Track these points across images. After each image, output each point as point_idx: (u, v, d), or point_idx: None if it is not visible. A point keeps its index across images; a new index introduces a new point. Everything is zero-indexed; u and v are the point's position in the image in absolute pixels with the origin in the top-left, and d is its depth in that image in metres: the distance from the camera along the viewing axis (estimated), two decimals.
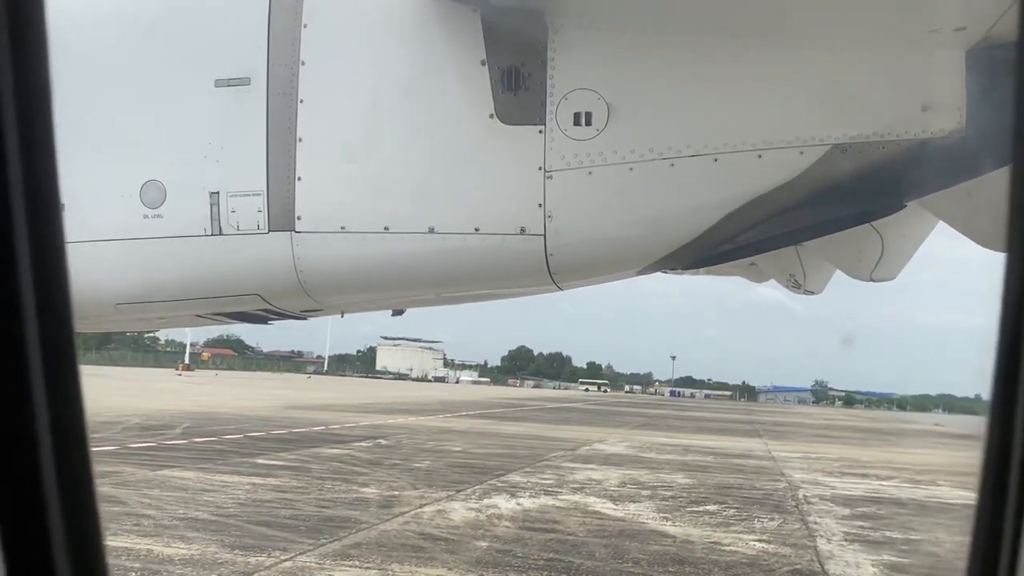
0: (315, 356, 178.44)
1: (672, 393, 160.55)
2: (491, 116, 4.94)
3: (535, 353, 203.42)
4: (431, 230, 5.01)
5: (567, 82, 4.86)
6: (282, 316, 6.12)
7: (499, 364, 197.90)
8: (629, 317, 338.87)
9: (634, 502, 14.89)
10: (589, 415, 49.92)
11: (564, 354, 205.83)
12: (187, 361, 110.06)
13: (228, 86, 5.15)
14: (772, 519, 13.88)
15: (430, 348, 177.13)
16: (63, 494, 1.20)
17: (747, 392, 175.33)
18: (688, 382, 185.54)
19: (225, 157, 5.19)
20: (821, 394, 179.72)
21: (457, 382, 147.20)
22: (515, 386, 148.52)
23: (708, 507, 14.85)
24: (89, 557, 1.27)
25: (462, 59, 4.96)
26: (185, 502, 12.25)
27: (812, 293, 10.76)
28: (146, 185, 5.24)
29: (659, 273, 7.72)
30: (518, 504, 13.88)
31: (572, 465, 20.47)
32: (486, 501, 13.99)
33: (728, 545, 11.45)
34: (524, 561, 9.76)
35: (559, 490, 15.82)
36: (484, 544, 10.58)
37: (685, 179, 4.80)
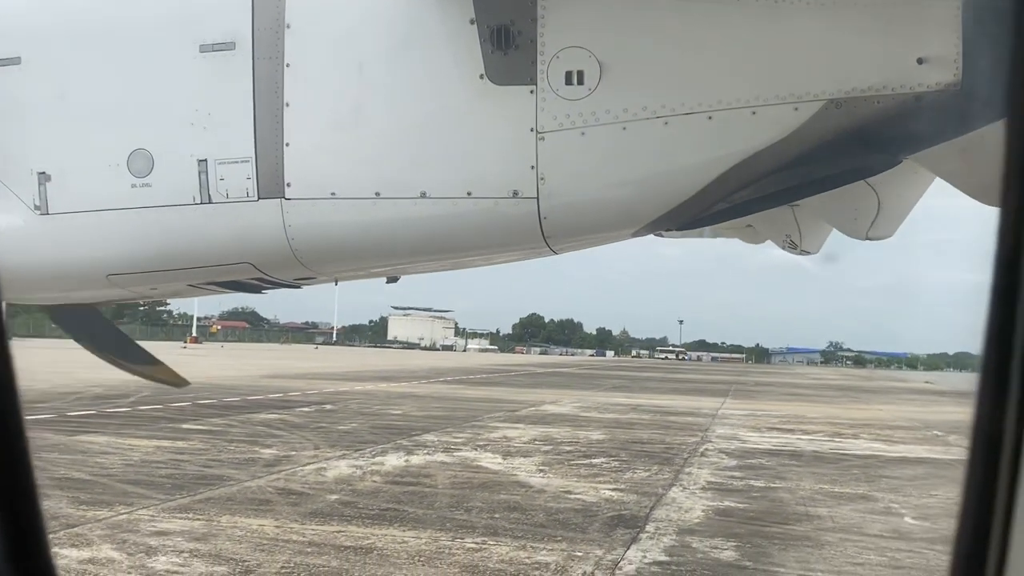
0: (329, 327, 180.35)
1: (678, 357, 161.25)
2: (481, 77, 4.85)
3: (546, 320, 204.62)
4: (423, 195, 4.96)
5: (558, 40, 4.77)
6: (275, 285, 6.11)
7: (510, 332, 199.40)
8: (644, 281, 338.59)
9: (525, 457, 15.44)
10: (569, 379, 50.54)
11: (575, 320, 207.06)
12: (194, 334, 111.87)
13: (213, 51, 5.10)
14: (648, 471, 14.40)
15: (441, 317, 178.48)
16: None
17: (759, 354, 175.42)
18: (701, 345, 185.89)
19: (212, 124, 5.15)
20: (830, 355, 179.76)
21: (465, 350, 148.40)
22: (521, 353, 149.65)
23: (594, 460, 15.39)
24: (31, 549, 1.22)
25: (451, 18, 4.87)
26: (74, 463, 12.90)
27: (808, 253, 10.85)
28: (133, 154, 5.20)
29: (665, 236, 7.58)
30: (406, 461, 14.47)
31: (498, 425, 21.06)
32: (376, 459, 14.57)
33: (577, 494, 11.97)
34: (358, 512, 10.32)
35: (461, 448, 16.41)
36: (333, 498, 11.16)
37: (679, 138, 4.75)
